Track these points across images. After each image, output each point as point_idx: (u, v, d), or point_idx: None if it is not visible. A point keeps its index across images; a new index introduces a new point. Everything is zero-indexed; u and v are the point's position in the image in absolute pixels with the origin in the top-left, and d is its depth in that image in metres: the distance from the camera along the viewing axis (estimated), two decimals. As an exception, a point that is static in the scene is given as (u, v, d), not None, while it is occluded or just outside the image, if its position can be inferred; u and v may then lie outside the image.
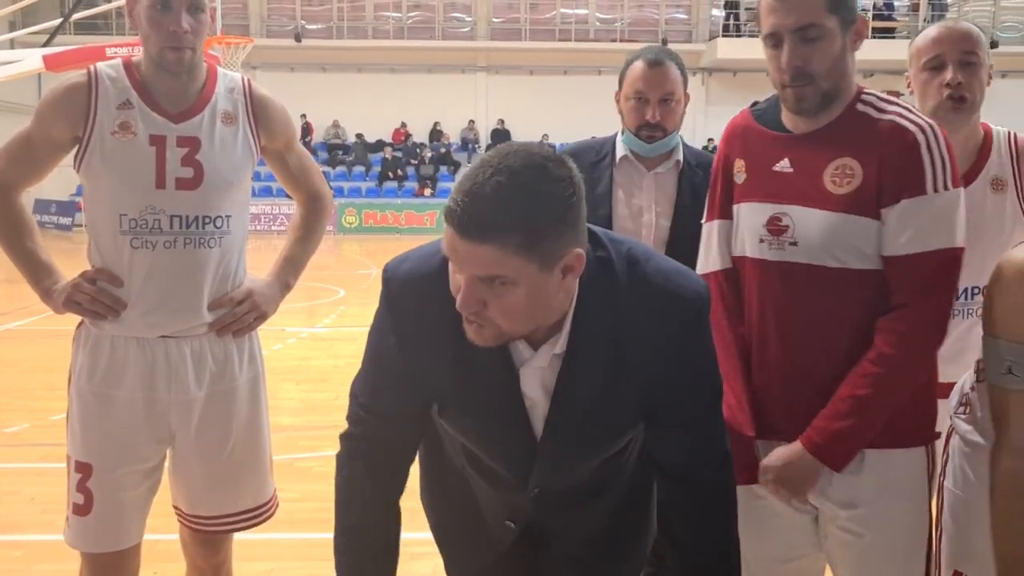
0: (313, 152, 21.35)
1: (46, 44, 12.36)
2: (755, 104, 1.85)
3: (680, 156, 2.41)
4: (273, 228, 18.31)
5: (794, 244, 1.69)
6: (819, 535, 1.77)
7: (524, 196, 1.20)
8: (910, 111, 1.66)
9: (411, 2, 23.12)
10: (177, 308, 2.01)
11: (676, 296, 1.40)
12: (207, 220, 2.01)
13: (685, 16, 23.12)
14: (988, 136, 2.10)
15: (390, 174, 21.40)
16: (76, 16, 13.95)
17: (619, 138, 2.43)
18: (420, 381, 1.45)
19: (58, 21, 13.13)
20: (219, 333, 2.08)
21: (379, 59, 22.27)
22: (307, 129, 21.64)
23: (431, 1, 23.10)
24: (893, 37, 20.62)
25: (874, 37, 20.88)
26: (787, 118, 1.74)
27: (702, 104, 22.45)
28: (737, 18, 21.67)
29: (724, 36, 21.30)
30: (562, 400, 1.42)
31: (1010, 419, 1.50)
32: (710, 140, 22.12)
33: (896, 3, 21.91)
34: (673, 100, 2.33)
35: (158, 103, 2.00)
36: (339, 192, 20.98)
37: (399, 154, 21.74)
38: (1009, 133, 2.13)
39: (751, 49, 21.65)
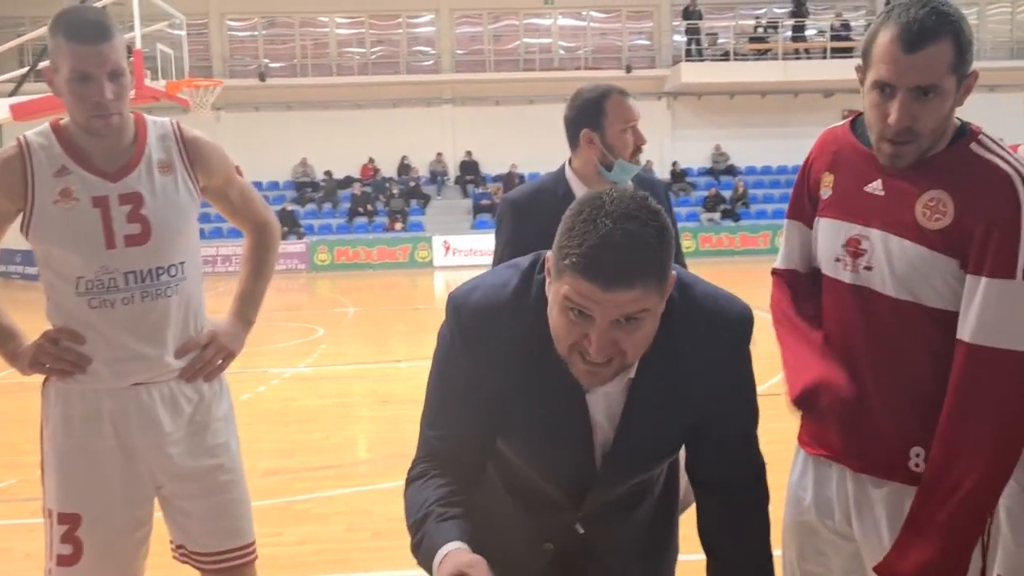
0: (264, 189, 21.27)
1: (12, 94, 12.25)
2: (859, 115, 1.74)
3: (629, 182, 2.52)
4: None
5: (868, 269, 1.66)
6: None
7: (652, 238, 1.28)
8: (1019, 162, 1.58)
9: (374, 38, 23.24)
10: (143, 359, 2.03)
11: (725, 319, 1.48)
12: (161, 271, 2.03)
13: (648, 42, 23.43)
14: None
15: (360, 210, 21.35)
16: (42, 64, 13.82)
17: (569, 174, 2.52)
18: (492, 404, 1.47)
19: (24, 71, 13.03)
20: (189, 379, 2.10)
21: (344, 96, 22.31)
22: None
23: (394, 36, 23.23)
24: (851, 56, 21.04)
25: (833, 57, 21.35)
26: None
27: (668, 128, 22.74)
28: (699, 43, 22.02)
29: (687, 61, 21.61)
30: (628, 425, 1.46)
31: None
32: (674, 163, 22.40)
33: (852, 23, 22.40)
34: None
35: (94, 164, 1.99)
36: (309, 230, 20.89)
37: (368, 189, 21.70)
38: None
39: (714, 73, 22.18)
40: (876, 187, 1.66)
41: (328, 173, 22.16)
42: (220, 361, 2.16)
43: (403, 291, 15.72)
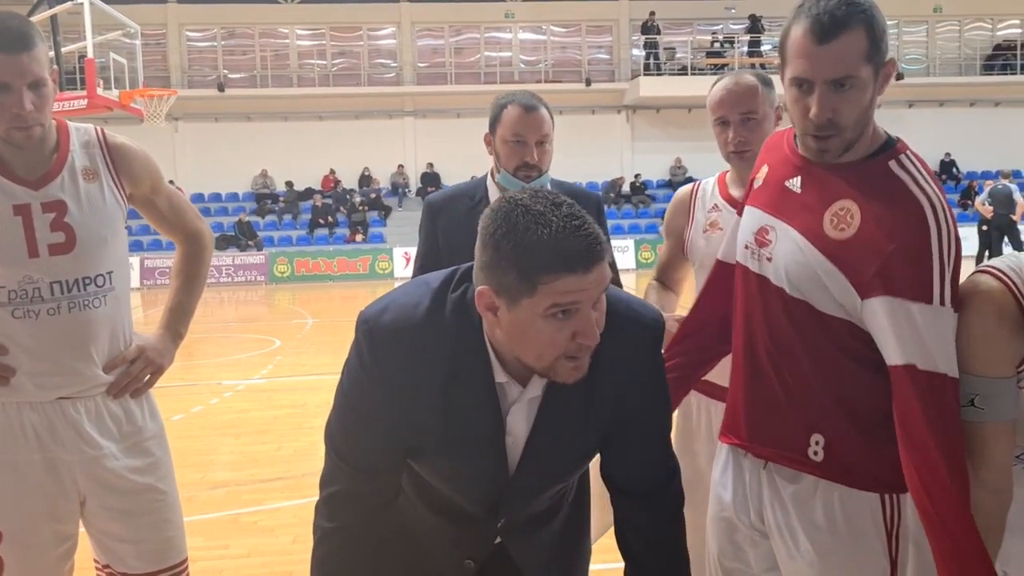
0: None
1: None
2: None
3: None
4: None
5: (769, 260, 1.68)
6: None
7: (588, 214, 1.33)
8: (937, 191, 1.56)
9: (335, 50, 23.19)
10: (70, 371, 1.96)
11: (638, 322, 1.49)
12: (88, 281, 1.97)
13: (607, 56, 23.65)
14: None
15: (321, 221, 21.25)
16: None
17: (490, 181, 2.52)
18: (405, 429, 1.45)
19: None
20: (117, 395, 2.03)
21: (305, 107, 22.23)
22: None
23: (355, 48, 23.20)
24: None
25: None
26: None
27: (628, 141, 22.97)
28: (657, 57, 22.27)
29: (646, 75, 21.84)
30: (543, 429, 1.46)
31: (973, 451, 1.54)
32: (637, 176, 22.59)
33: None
34: (547, 142, 2.43)
35: (14, 172, 1.93)
36: (269, 242, 20.74)
37: (329, 201, 21.61)
38: None
39: (672, 86, 22.39)
40: (795, 184, 1.67)
41: (289, 184, 22.03)
42: (148, 377, 2.09)
43: (363, 302, 15.25)
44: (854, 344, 1.60)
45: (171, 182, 2.24)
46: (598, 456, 1.60)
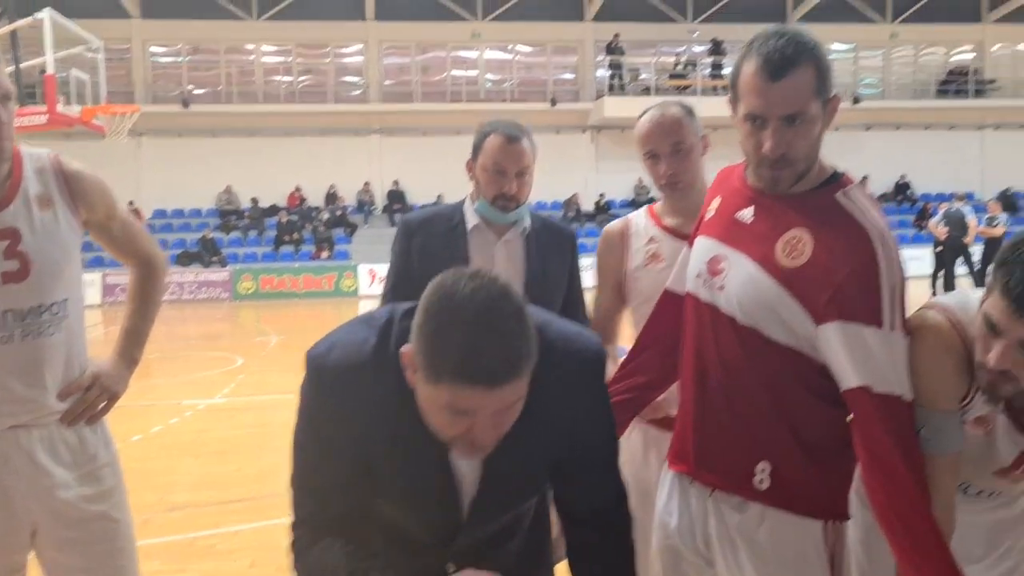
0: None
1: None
2: None
3: (527, 223, 2.50)
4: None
5: (721, 289, 1.71)
6: None
7: (516, 324, 1.28)
8: (881, 221, 1.61)
9: (301, 67, 23.15)
10: (23, 400, 1.93)
11: (580, 356, 1.51)
12: (42, 309, 1.94)
13: (572, 76, 23.87)
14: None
15: (286, 238, 21.14)
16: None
17: (468, 206, 2.50)
18: (357, 459, 1.47)
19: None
20: (71, 423, 2.01)
21: (271, 123, 22.14)
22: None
23: (322, 65, 23.19)
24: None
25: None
26: None
27: (592, 161, 23.16)
28: (621, 78, 22.54)
29: (610, 95, 22.06)
30: (493, 468, 1.48)
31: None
32: (601, 195, 22.77)
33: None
34: (527, 174, 2.41)
35: None
36: (233, 258, 20.58)
37: (295, 218, 21.51)
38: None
39: (637, 107, 22.34)
40: (747, 215, 1.71)
41: (254, 201, 21.90)
42: (103, 404, 2.06)
43: (327, 320, 15.42)
44: (804, 372, 1.64)
45: (131, 202, 2.23)
46: None
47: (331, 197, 22.30)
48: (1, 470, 1.93)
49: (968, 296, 1.65)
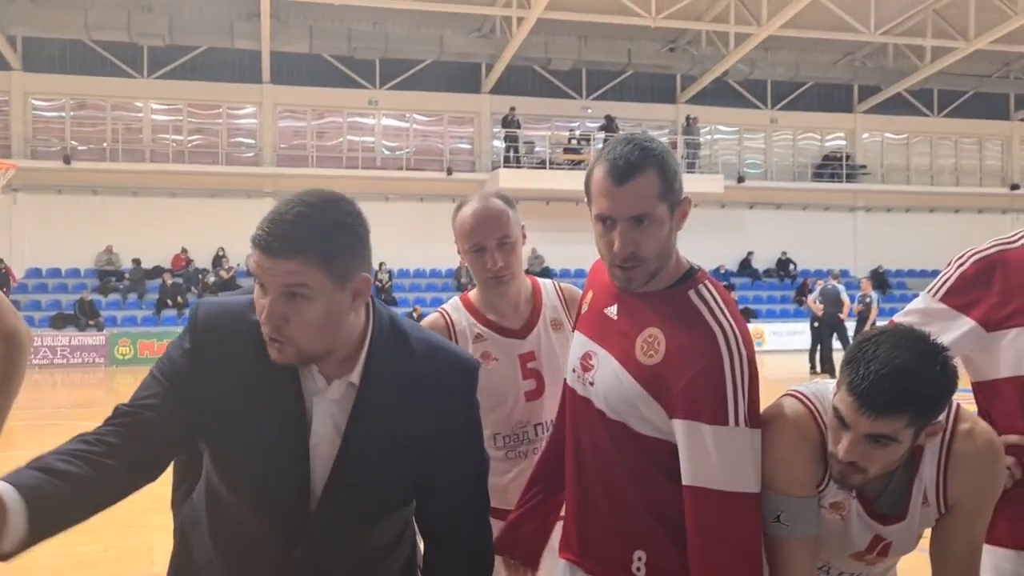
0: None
1: None
2: None
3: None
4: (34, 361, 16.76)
5: (592, 384, 1.77)
6: None
7: (321, 221, 1.43)
8: (730, 319, 1.67)
9: (192, 126, 22.69)
10: None
11: (455, 363, 1.61)
12: None
13: (468, 146, 24.20)
14: (536, 288, 2.43)
15: (169, 301, 20.38)
16: None
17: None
18: (200, 405, 1.49)
19: None
20: None
21: (157, 183, 21.53)
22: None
23: (214, 126, 22.79)
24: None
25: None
26: None
27: (487, 230, 23.33)
28: (517, 150, 22.99)
29: (506, 167, 22.46)
30: (353, 436, 1.49)
31: (777, 565, 1.64)
32: (496, 264, 22.93)
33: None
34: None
35: None
36: (111, 321, 19.70)
37: (179, 280, 20.81)
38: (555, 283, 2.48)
39: (531, 179, 23.08)
40: (612, 311, 1.78)
41: (136, 261, 21.10)
42: None
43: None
44: (670, 462, 1.68)
45: (0, 260, 2.11)
46: None
47: (219, 260, 21.70)
48: None
49: (826, 385, 1.72)
